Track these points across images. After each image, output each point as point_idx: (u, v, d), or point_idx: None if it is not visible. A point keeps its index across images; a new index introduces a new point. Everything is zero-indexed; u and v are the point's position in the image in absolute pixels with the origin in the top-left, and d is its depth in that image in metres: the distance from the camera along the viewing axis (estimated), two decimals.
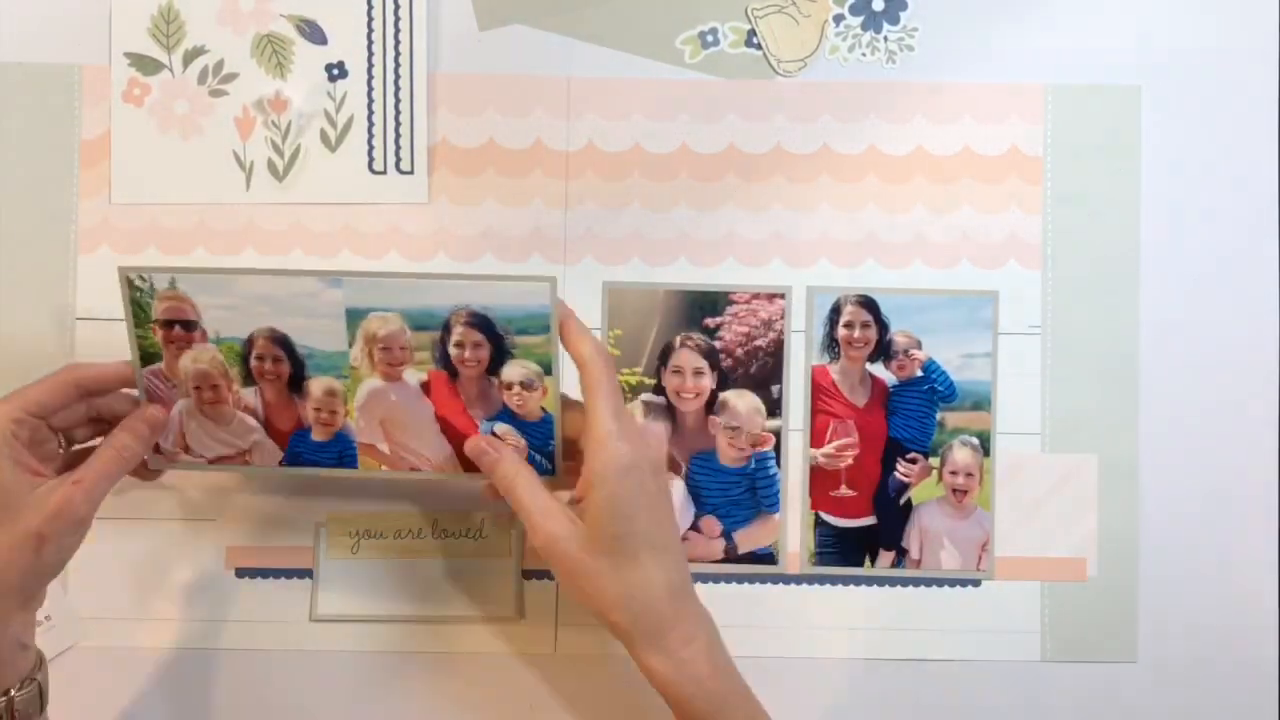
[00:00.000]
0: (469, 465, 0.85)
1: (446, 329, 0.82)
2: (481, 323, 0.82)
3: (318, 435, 0.86)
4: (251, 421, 0.86)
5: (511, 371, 0.83)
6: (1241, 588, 0.93)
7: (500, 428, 0.84)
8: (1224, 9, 0.94)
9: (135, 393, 0.84)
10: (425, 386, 0.84)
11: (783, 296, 0.92)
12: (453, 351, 0.83)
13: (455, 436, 0.85)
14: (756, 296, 0.92)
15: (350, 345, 0.84)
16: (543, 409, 0.84)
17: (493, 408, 0.84)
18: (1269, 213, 0.94)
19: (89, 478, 0.78)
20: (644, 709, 0.91)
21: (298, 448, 0.86)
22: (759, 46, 0.93)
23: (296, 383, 0.85)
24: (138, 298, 0.86)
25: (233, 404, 0.86)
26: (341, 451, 0.86)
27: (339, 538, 0.90)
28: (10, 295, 0.90)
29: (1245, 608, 0.93)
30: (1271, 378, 0.93)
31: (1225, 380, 0.93)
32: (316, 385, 0.85)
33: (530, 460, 0.84)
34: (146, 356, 0.86)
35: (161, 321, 0.85)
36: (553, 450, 0.85)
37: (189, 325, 0.85)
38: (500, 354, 0.83)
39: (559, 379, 0.84)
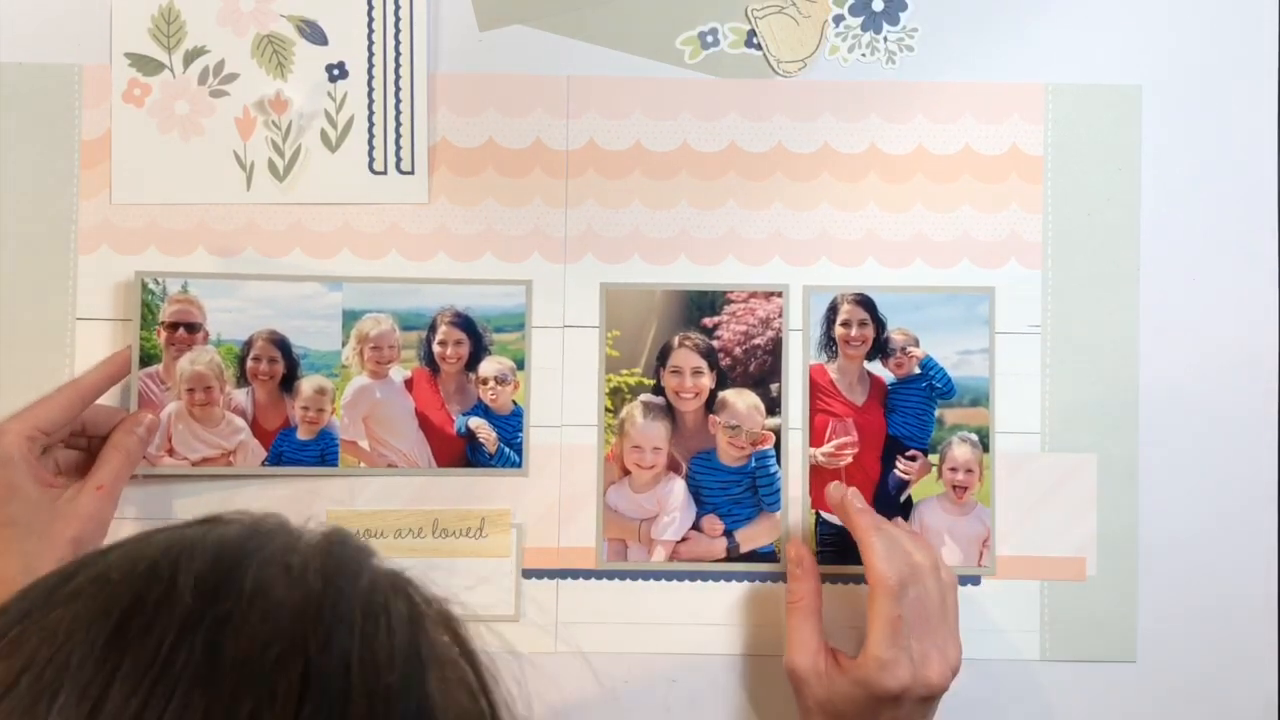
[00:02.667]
0: (443, 462, 0.91)
1: (432, 328, 0.89)
2: (464, 322, 0.88)
3: (303, 434, 0.89)
4: (239, 422, 0.89)
5: (488, 367, 0.91)
6: (1241, 588, 0.93)
7: (474, 421, 0.89)
8: (1224, 8, 0.94)
9: (106, 401, 0.88)
10: (408, 383, 0.89)
11: (780, 295, 0.92)
12: (436, 349, 0.89)
13: (432, 432, 0.91)
14: (754, 295, 0.92)
15: (343, 345, 0.88)
16: (514, 403, 0.91)
17: (468, 402, 0.91)
18: (1269, 212, 0.94)
19: (108, 481, 0.84)
20: (643, 708, 0.91)
21: (281, 447, 0.89)
22: (759, 47, 0.93)
23: (288, 383, 0.89)
24: (148, 300, 0.87)
25: (222, 405, 0.88)
26: (324, 450, 0.89)
27: None
28: (10, 295, 0.90)
29: (1245, 608, 0.93)
30: (1272, 376, 0.93)
31: (1225, 379, 0.93)
32: (307, 384, 0.89)
33: (500, 453, 0.90)
34: (144, 359, 0.87)
35: (167, 324, 0.88)
36: (521, 443, 0.91)
37: (193, 328, 0.88)
38: (479, 351, 0.91)
39: (530, 374, 0.91)
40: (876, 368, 0.92)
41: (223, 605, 0.44)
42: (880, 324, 0.92)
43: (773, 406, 0.92)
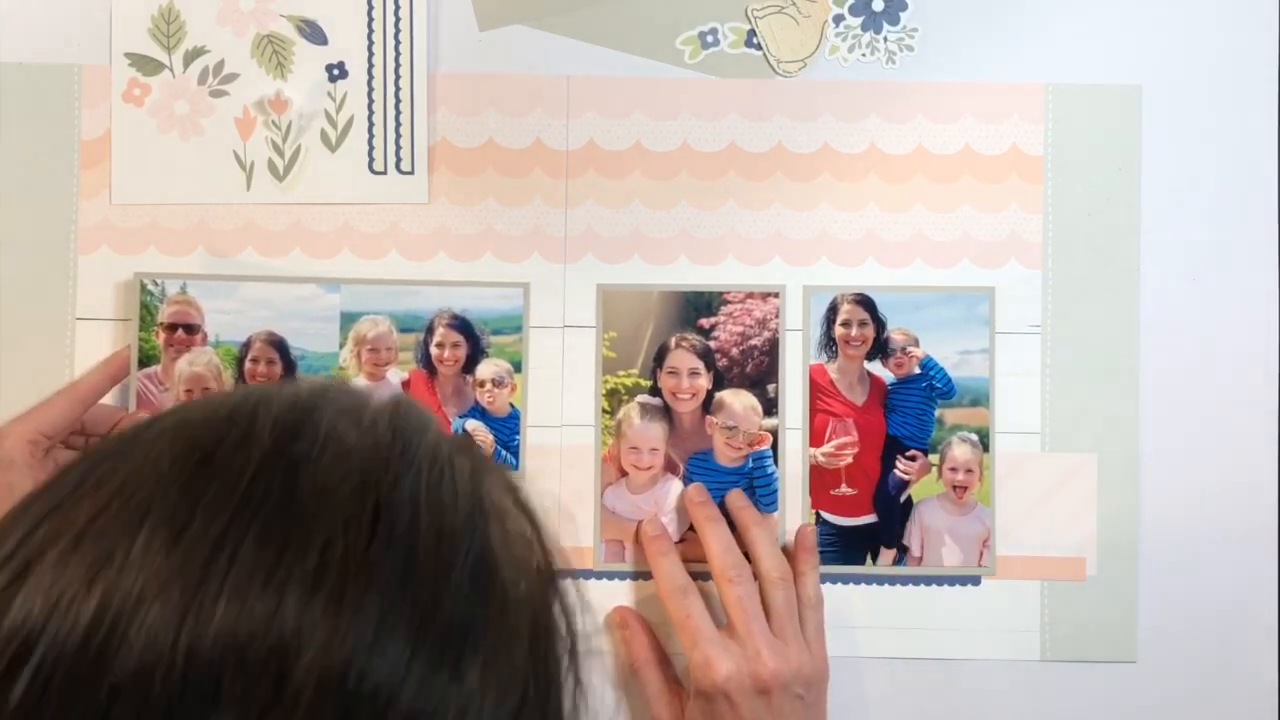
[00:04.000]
0: None
1: (430, 330, 0.89)
2: (462, 324, 0.88)
3: None
4: None
5: (485, 369, 0.90)
6: (1241, 588, 0.93)
7: (471, 424, 0.89)
8: (1225, 8, 0.94)
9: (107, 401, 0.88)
10: (405, 385, 0.89)
11: (777, 295, 0.92)
12: (433, 351, 0.89)
13: None
14: (751, 296, 0.92)
15: (341, 347, 0.88)
16: (511, 405, 0.90)
17: (465, 404, 0.91)
18: (1270, 212, 0.93)
19: None
20: (643, 709, 0.91)
21: None
22: (759, 47, 0.93)
23: None
24: (146, 301, 0.88)
25: None
26: None
27: None
28: (10, 295, 0.90)
29: (1245, 608, 0.93)
30: (1271, 376, 0.93)
31: (1225, 379, 0.93)
32: None
33: (497, 456, 0.90)
34: (143, 360, 0.88)
35: (166, 325, 0.88)
36: (518, 445, 0.91)
37: (191, 329, 0.88)
38: (476, 353, 0.90)
39: (528, 374, 0.91)
40: (876, 368, 0.92)
41: (299, 446, 0.48)
42: (880, 324, 0.92)
43: (770, 407, 0.92)
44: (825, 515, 0.92)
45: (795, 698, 0.83)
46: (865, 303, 0.92)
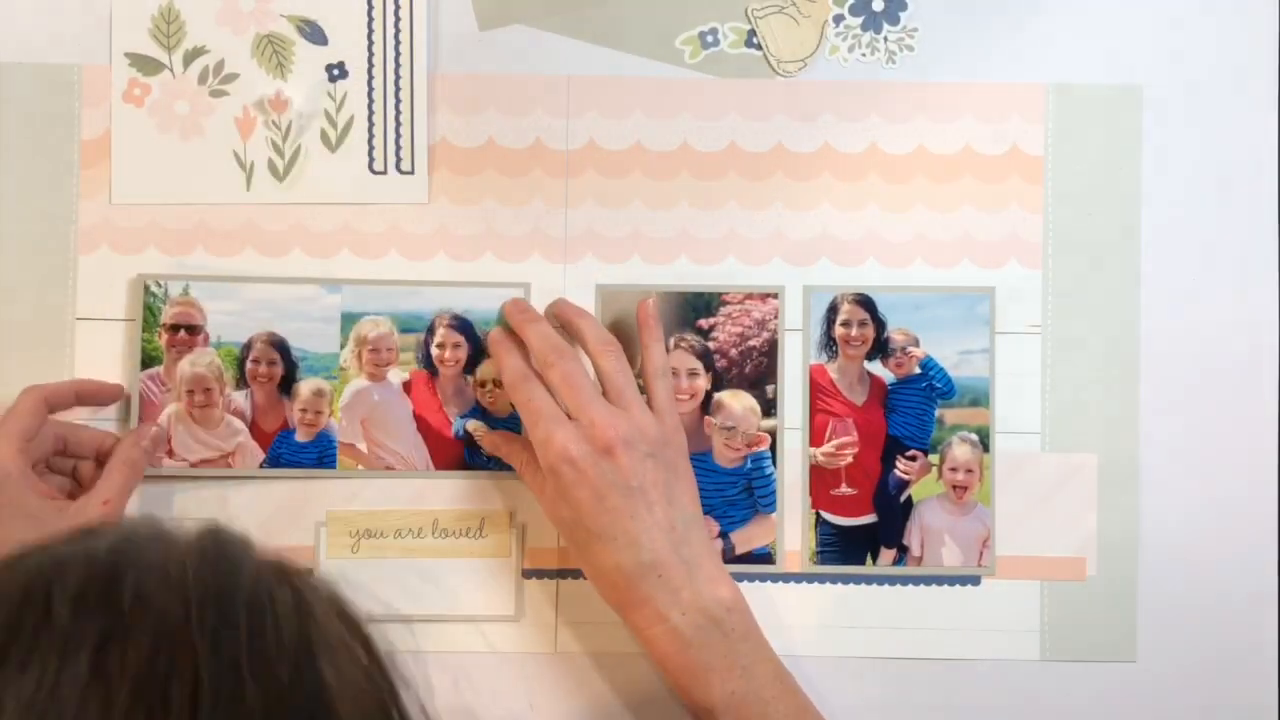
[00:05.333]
0: (441, 464, 0.91)
1: (431, 330, 0.89)
2: (463, 325, 0.88)
3: (301, 436, 0.89)
4: (237, 424, 0.89)
5: (486, 370, 0.91)
6: (1241, 588, 0.92)
7: (472, 423, 0.90)
8: (1225, 8, 0.94)
9: (102, 422, 0.89)
10: (406, 386, 0.90)
11: (776, 296, 0.92)
12: (434, 351, 0.90)
13: (430, 434, 0.91)
14: (750, 296, 0.92)
15: (342, 347, 0.88)
16: (511, 405, 0.89)
17: (466, 404, 0.91)
18: (1270, 212, 0.93)
19: (114, 495, 0.83)
20: (644, 708, 0.91)
21: (279, 449, 0.89)
22: (759, 47, 0.93)
23: (286, 385, 0.89)
24: (150, 303, 0.88)
25: (222, 408, 0.88)
26: (321, 452, 0.89)
27: (339, 537, 0.90)
28: (10, 295, 0.90)
29: (1245, 608, 0.92)
30: (1272, 377, 0.93)
31: (1226, 379, 0.93)
32: (305, 386, 0.89)
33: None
34: (145, 360, 0.88)
35: (168, 326, 0.88)
36: None
37: (193, 330, 0.89)
38: (477, 354, 0.91)
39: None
40: (877, 368, 0.92)
41: (103, 621, 0.44)
42: (880, 324, 0.92)
43: (769, 408, 0.92)
44: (825, 515, 0.92)
45: (645, 456, 0.82)
46: (865, 303, 0.92)
